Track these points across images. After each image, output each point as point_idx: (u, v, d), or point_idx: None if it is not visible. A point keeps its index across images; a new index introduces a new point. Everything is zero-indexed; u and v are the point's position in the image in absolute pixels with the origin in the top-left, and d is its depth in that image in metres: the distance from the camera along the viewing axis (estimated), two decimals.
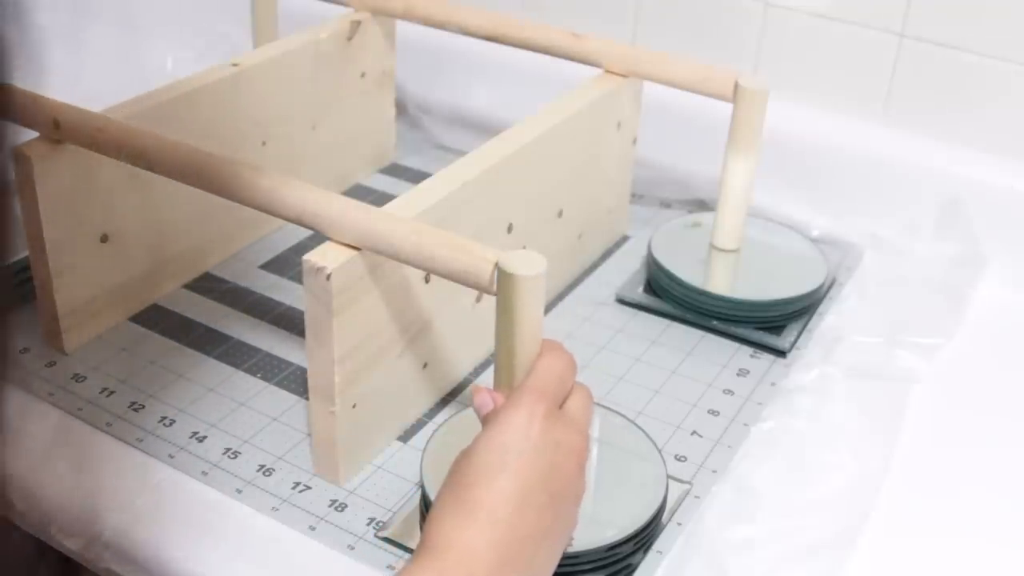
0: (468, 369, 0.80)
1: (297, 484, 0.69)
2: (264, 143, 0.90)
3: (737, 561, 0.63)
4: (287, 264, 0.91)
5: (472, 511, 0.51)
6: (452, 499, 0.52)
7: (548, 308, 0.86)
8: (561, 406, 0.57)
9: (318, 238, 0.65)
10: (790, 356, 0.82)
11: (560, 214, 0.85)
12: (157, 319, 0.83)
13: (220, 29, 1.18)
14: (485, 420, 0.57)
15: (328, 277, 0.62)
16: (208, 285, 0.88)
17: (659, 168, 1.00)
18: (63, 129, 0.72)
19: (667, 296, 0.86)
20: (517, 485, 0.52)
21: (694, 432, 0.74)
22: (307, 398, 0.71)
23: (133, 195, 0.80)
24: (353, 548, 0.65)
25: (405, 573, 0.50)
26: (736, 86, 0.81)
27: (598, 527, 0.62)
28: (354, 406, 0.67)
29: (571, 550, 0.60)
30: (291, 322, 0.84)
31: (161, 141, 0.70)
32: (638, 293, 0.88)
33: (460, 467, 0.54)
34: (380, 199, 0.89)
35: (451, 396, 0.77)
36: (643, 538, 0.63)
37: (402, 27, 1.01)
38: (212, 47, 1.15)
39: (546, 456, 0.53)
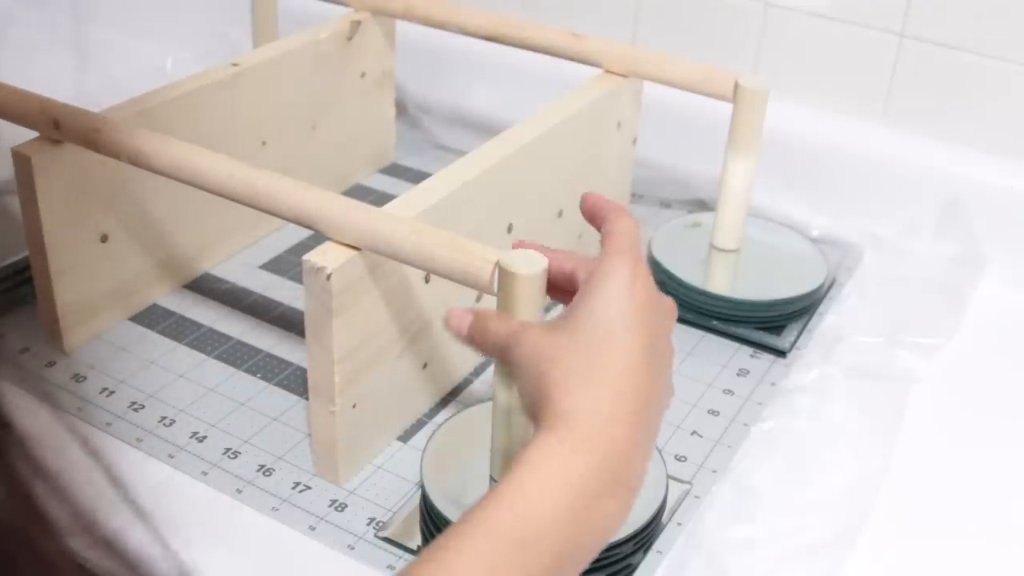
0: (468, 369, 0.80)
1: (297, 484, 0.69)
2: (264, 143, 0.90)
3: (737, 561, 0.63)
4: (287, 264, 0.91)
5: (599, 382, 0.49)
6: (571, 370, 0.50)
7: (548, 308, 0.86)
8: None
9: (318, 238, 0.65)
10: (790, 356, 0.82)
11: (560, 214, 0.85)
12: (157, 319, 0.83)
13: (220, 29, 1.19)
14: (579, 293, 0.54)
15: (328, 277, 0.62)
16: (208, 285, 0.88)
17: (659, 168, 1.00)
18: (63, 129, 0.72)
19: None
20: (637, 352, 0.50)
21: (694, 432, 0.74)
22: (307, 398, 0.71)
23: (133, 195, 0.80)
24: (353, 548, 0.65)
25: (536, 446, 0.48)
26: (736, 86, 0.81)
27: None
28: (354, 406, 0.67)
29: None
30: (291, 322, 0.84)
31: (161, 141, 0.70)
32: None
33: (580, 334, 0.51)
34: (380, 199, 0.89)
35: (451, 396, 0.77)
36: (643, 538, 0.63)
37: (402, 27, 1.01)
38: (212, 47, 1.15)
39: (653, 319, 0.52)
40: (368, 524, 0.66)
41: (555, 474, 0.47)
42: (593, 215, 0.59)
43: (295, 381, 0.77)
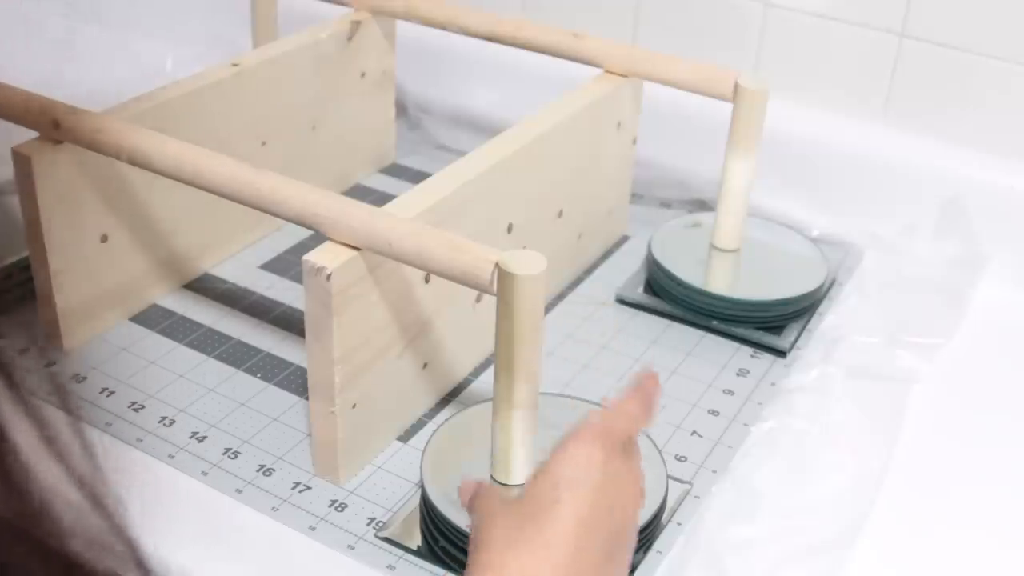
0: (468, 369, 0.80)
1: (297, 484, 0.69)
2: (264, 143, 0.90)
3: (737, 561, 0.63)
4: (287, 264, 0.91)
5: (529, 540, 0.49)
6: (505, 525, 0.51)
7: (548, 308, 0.86)
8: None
9: (318, 238, 0.65)
10: (790, 356, 0.82)
11: (560, 214, 0.85)
12: (157, 319, 0.83)
13: (220, 29, 1.18)
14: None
15: (328, 277, 0.62)
16: (208, 285, 0.88)
17: (659, 168, 1.00)
18: (63, 129, 0.72)
19: (667, 296, 0.86)
20: (575, 520, 0.50)
21: (694, 432, 0.74)
22: (307, 398, 0.71)
23: (133, 195, 0.80)
24: (353, 548, 0.65)
25: None
26: (736, 86, 0.81)
27: None
28: (354, 406, 0.67)
29: None
30: (291, 322, 0.84)
31: (161, 141, 0.70)
32: (638, 293, 0.88)
33: (526, 495, 0.52)
34: (380, 199, 0.89)
35: (451, 396, 0.77)
36: (643, 538, 0.63)
37: (402, 27, 1.01)
38: (212, 47, 1.15)
39: (606, 495, 0.52)
40: (368, 524, 0.66)
41: None
42: None
43: (295, 381, 0.77)
